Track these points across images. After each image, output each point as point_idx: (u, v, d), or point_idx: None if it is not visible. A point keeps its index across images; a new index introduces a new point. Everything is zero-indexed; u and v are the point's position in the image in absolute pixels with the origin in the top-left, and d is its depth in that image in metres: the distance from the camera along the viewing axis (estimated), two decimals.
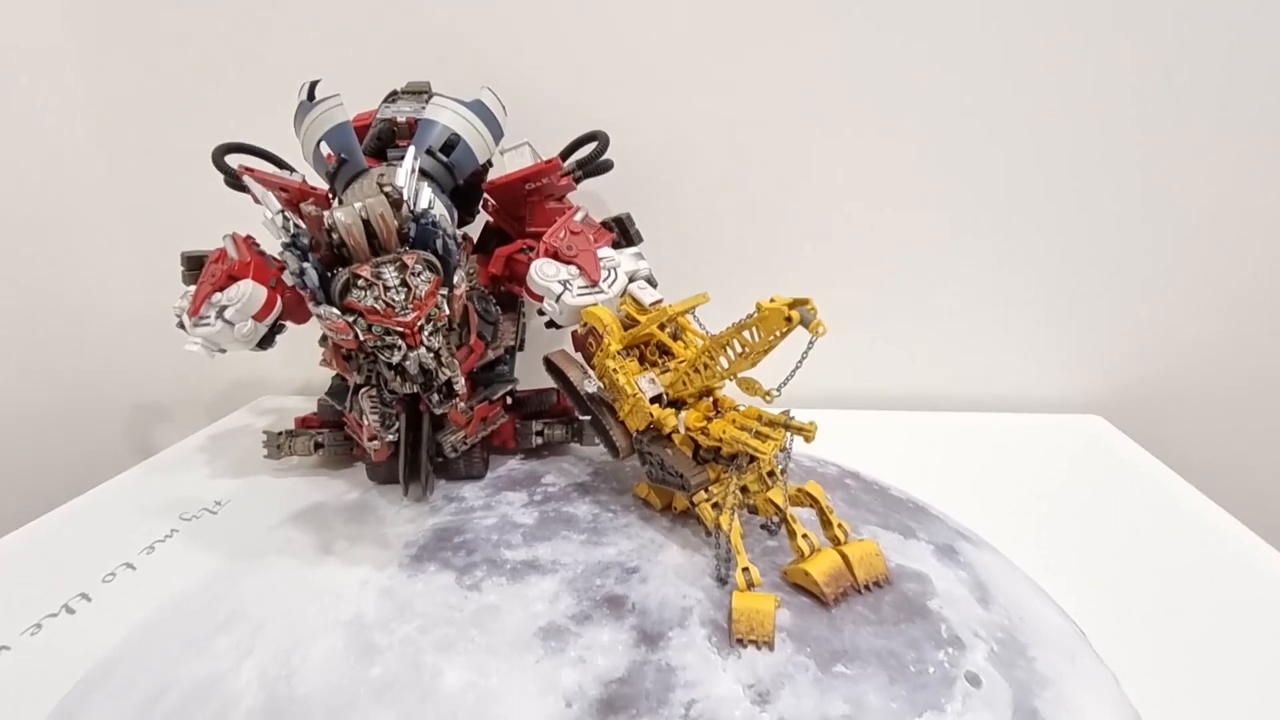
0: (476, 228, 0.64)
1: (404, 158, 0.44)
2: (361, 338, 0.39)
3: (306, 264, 0.39)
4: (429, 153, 0.50)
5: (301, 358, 0.72)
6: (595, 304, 0.51)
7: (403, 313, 0.38)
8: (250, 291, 0.50)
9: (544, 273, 0.51)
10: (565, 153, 0.61)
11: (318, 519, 0.53)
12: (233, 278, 0.51)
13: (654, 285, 0.53)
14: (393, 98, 0.59)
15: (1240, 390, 0.72)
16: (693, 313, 0.50)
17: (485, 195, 0.60)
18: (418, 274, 0.39)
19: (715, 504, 0.43)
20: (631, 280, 0.53)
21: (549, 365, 0.53)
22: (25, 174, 0.72)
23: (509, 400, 0.60)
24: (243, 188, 0.58)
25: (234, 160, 0.58)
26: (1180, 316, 0.71)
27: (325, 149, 0.49)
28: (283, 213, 0.40)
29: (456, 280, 0.41)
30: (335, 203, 0.45)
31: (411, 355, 0.39)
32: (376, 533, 0.50)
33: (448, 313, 0.40)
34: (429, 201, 0.43)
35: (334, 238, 0.40)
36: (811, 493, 0.44)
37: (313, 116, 0.49)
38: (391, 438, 0.43)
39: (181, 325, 0.53)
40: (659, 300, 0.51)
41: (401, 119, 0.54)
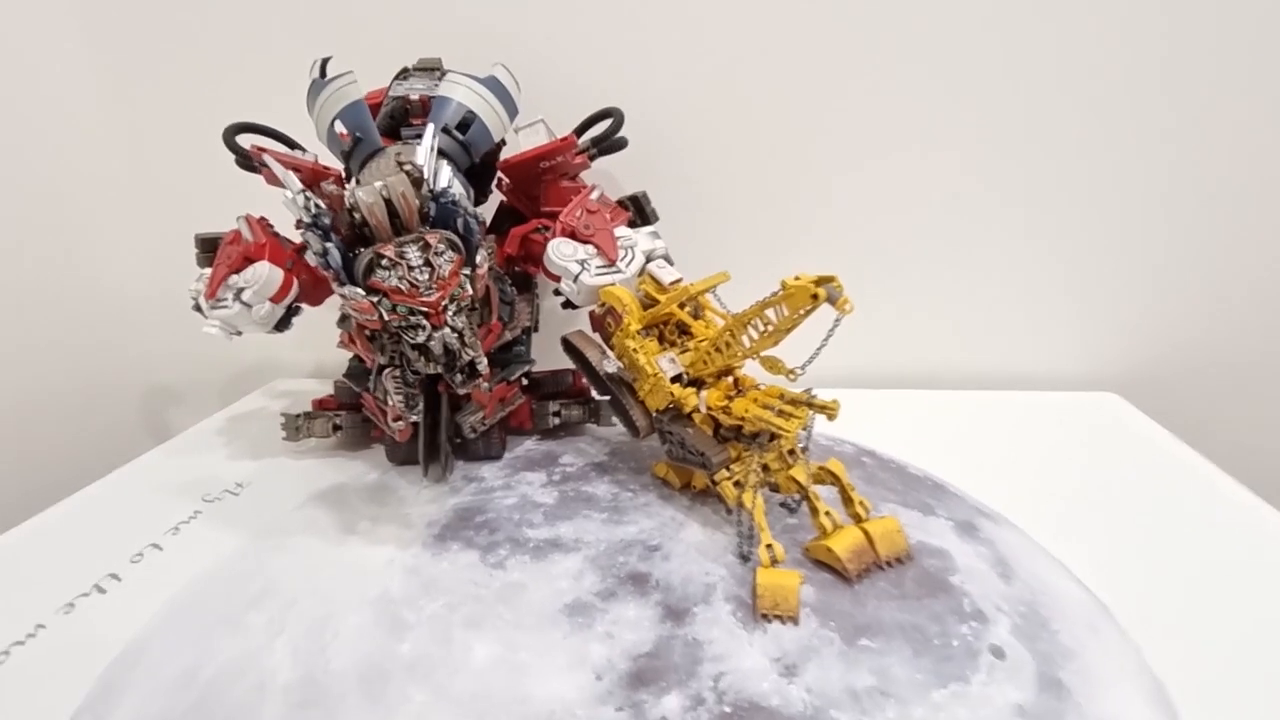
0: (490, 208, 0.64)
1: (420, 136, 0.44)
2: (386, 318, 0.39)
3: (329, 244, 0.38)
4: (445, 131, 0.50)
5: (314, 340, 0.72)
6: (613, 283, 0.50)
7: (427, 292, 0.38)
8: (267, 273, 0.50)
9: (561, 252, 0.51)
10: (579, 130, 0.60)
11: (339, 499, 0.53)
12: (248, 259, 0.51)
13: (670, 264, 0.53)
14: (404, 75, 0.58)
15: (1256, 366, 0.72)
16: (713, 291, 0.50)
17: (499, 174, 0.59)
18: (440, 253, 0.39)
19: (737, 482, 0.44)
20: (649, 259, 0.53)
21: (567, 346, 0.53)
22: (38, 157, 0.71)
23: (524, 381, 0.60)
24: (253, 168, 0.57)
25: (246, 141, 0.57)
26: (1194, 293, 0.71)
27: (340, 127, 0.48)
28: (304, 192, 0.39)
29: (479, 259, 0.41)
30: (353, 182, 0.45)
31: (436, 335, 0.39)
32: (398, 513, 0.51)
33: (471, 292, 0.40)
34: (448, 180, 0.42)
35: (356, 217, 0.39)
36: (833, 470, 0.44)
37: (326, 94, 0.48)
38: (416, 418, 0.43)
39: (198, 308, 0.53)
40: (679, 279, 0.51)
41: (414, 96, 0.54)
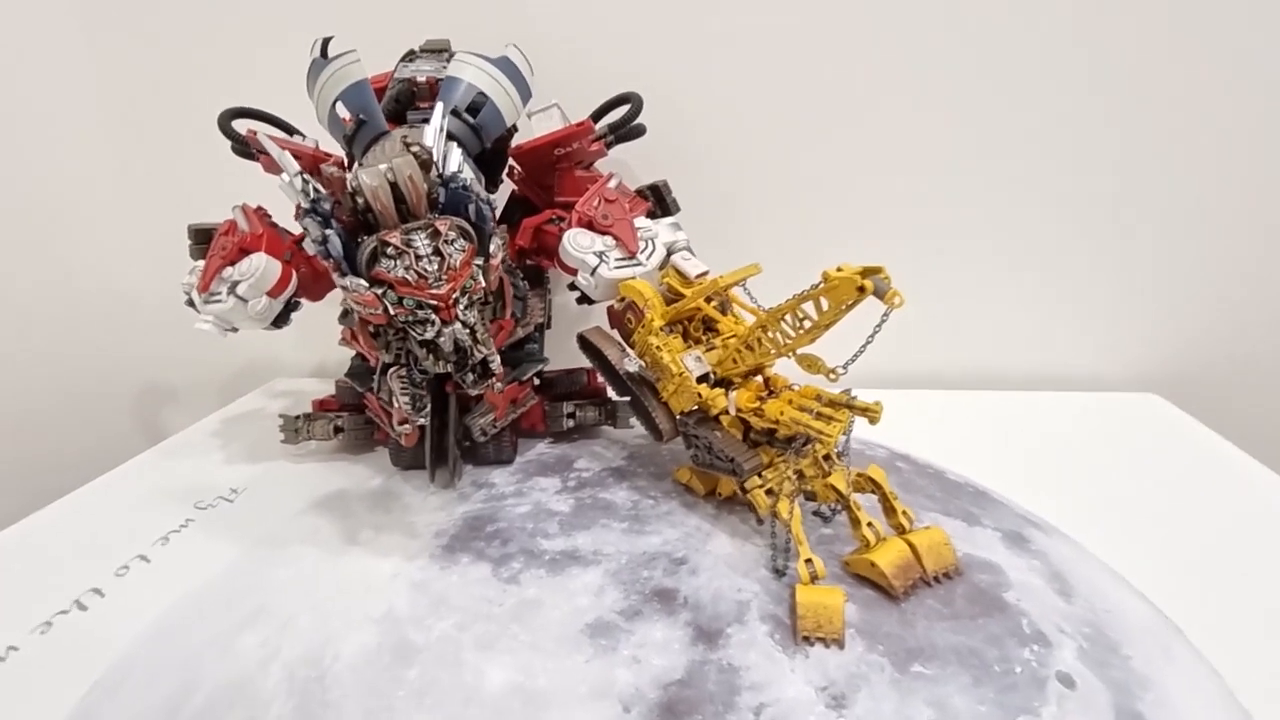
0: (500, 198, 0.60)
1: (428, 120, 0.41)
2: (392, 312, 0.35)
3: (329, 231, 0.35)
4: (454, 113, 0.46)
5: (315, 339, 0.69)
6: (634, 277, 0.47)
7: (436, 284, 0.35)
8: (264, 265, 0.47)
9: (578, 243, 0.48)
10: (595, 116, 0.57)
11: (340, 507, 0.50)
12: (244, 251, 0.48)
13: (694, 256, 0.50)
14: (410, 57, 0.55)
15: None
16: (743, 285, 0.46)
17: (511, 161, 0.56)
18: (451, 242, 0.36)
19: (769, 490, 0.40)
20: (670, 252, 0.50)
21: (584, 343, 0.50)
22: (28, 153, 0.68)
23: (537, 381, 0.57)
24: (250, 155, 0.54)
25: (242, 126, 0.54)
26: (1234, 290, 0.67)
27: (342, 110, 0.45)
28: (302, 174, 0.36)
29: (492, 249, 0.38)
30: (356, 166, 0.41)
31: (446, 331, 0.36)
32: (404, 521, 0.47)
33: (483, 284, 0.37)
34: (459, 164, 0.39)
35: (359, 202, 0.36)
36: (874, 477, 0.41)
37: (328, 74, 0.44)
38: (423, 421, 0.40)
39: (191, 303, 0.50)
40: (705, 271, 0.47)
41: (421, 79, 0.50)
